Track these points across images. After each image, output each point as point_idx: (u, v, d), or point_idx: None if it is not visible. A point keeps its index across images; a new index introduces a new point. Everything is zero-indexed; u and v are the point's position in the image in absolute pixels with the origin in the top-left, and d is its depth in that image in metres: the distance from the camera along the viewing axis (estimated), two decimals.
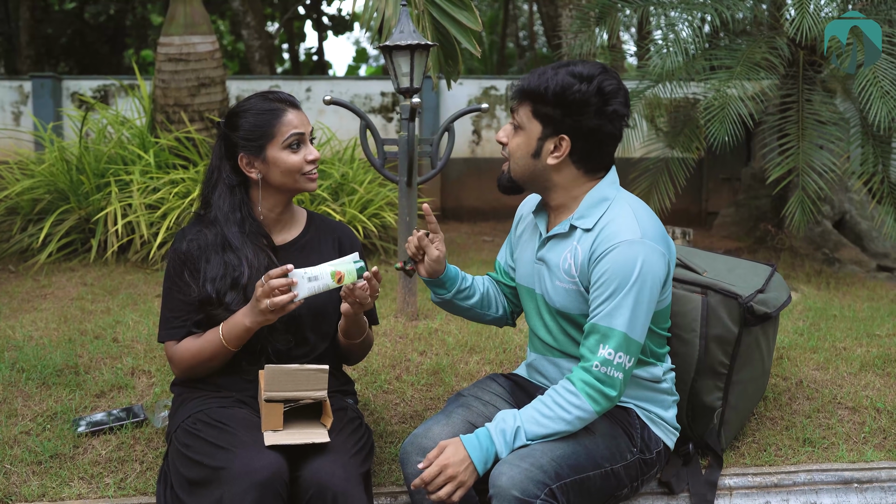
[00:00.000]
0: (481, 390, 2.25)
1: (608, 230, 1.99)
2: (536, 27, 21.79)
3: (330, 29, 18.05)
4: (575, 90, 1.95)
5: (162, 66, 5.85)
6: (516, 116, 2.04)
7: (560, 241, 2.08)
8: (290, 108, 2.18)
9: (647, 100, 6.51)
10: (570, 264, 2.04)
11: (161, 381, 2.93)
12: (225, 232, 2.15)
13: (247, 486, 1.83)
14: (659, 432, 2.17)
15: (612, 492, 2.07)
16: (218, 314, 2.12)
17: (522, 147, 2.04)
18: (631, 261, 1.94)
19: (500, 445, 1.93)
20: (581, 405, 1.93)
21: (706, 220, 9.08)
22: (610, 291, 1.94)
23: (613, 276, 1.94)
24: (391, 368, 3.13)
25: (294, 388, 2.00)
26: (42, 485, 2.30)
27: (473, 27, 4.04)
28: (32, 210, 5.53)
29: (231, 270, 2.13)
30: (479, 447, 1.92)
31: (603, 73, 1.97)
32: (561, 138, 2.00)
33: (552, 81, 1.96)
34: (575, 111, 1.96)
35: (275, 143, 2.14)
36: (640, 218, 2.01)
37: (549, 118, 1.99)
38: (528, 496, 1.85)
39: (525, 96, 2.01)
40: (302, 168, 2.16)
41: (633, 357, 1.96)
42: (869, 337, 3.66)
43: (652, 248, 1.96)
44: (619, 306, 1.93)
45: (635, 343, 1.95)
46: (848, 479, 2.46)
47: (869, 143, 5.74)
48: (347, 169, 6.11)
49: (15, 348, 3.24)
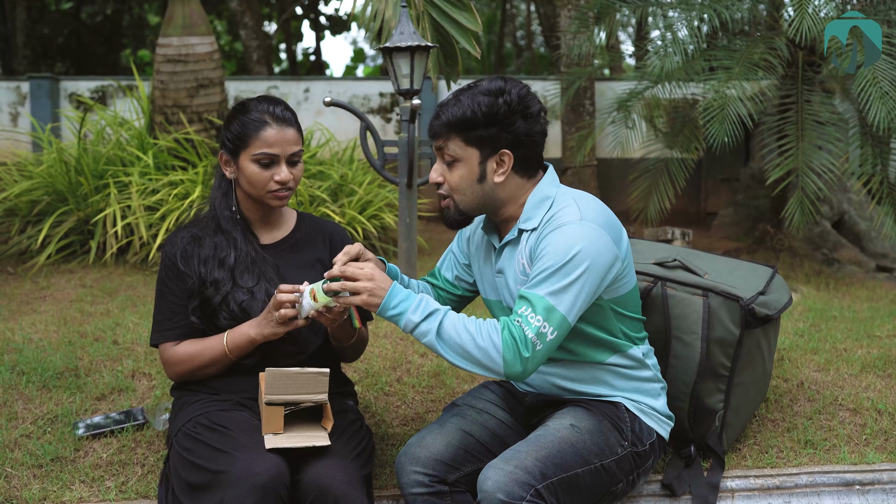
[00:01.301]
0: (475, 398, 2.28)
1: (552, 222, 2.00)
2: (534, 27, 21.80)
3: (327, 29, 18.05)
4: (500, 104, 1.98)
5: (160, 67, 5.84)
6: (447, 152, 2.04)
7: (512, 247, 2.10)
8: (276, 126, 2.15)
9: (646, 101, 6.51)
10: (524, 264, 2.06)
11: (162, 383, 2.93)
12: (218, 215, 2.23)
13: (248, 489, 1.83)
14: (651, 422, 2.17)
15: (606, 488, 2.07)
16: (209, 294, 2.15)
17: (466, 177, 2.04)
18: (569, 240, 1.93)
19: (411, 306, 1.93)
20: (496, 344, 1.89)
21: (705, 221, 9.08)
22: (544, 267, 1.93)
23: (549, 254, 1.93)
24: (392, 370, 3.13)
25: (295, 392, 2.00)
26: (43, 488, 2.29)
27: (473, 28, 4.03)
28: (31, 211, 5.51)
29: (219, 251, 2.19)
30: (398, 294, 1.93)
31: (510, 83, 2.02)
32: (502, 154, 2.03)
33: (474, 105, 1.98)
34: (506, 124, 2.00)
35: (246, 153, 2.15)
36: (582, 205, 2.02)
37: (485, 139, 2.01)
38: (514, 498, 1.86)
39: (451, 128, 2.02)
40: (266, 185, 2.16)
41: (555, 329, 1.90)
42: (869, 338, 3.66)
43: (591, 229, 1.96)
44: (547, 278, 1.92)
45: (559, 314, 1.90)
46: (850, 480, 2.46)
47: (868, 144, 5.75)
48: (346, 170, 6.10)
49: (15, 350, 3.23)
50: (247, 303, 2.15)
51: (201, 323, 2.17)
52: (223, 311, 2.15)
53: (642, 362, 2.17)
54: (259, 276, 2.19)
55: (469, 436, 2.14)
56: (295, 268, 2.25)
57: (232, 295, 2.15)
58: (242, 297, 2.16)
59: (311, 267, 2.27)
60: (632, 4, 6.23)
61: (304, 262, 2.27)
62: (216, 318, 2.16)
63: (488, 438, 2.17)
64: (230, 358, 2.13)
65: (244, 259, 2.19)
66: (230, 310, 2.15)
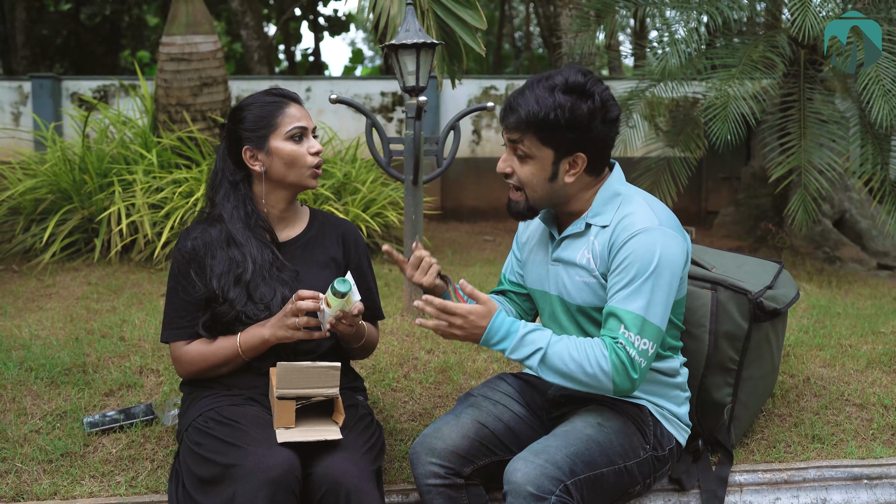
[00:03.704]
0: (491, 390, 2.25)
1: (625, 222, 2.00)
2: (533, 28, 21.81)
3: (326, 30, 18.07)
4: (584, 109, 1.93)
5: (164, 65, 5.84)
6: (521, 148, 1.99)
7: (574, 240, 2.09)
8: (293, 103, 2.20)
9: (647, 100, 6.52)
10: (588, 259, 2.05)
11: (170, 379, 2.93)
12: (229, 228, 2.17)
13: (259, 482, 1.83)
14: (671, 429, 2.17)
15: (625, 489, 2.07)
16: (223, 311, 2.12)
17: (538, 175, 2.02)
18: (650, 247, 1.94)
19: (515, 350, 1.93)
20: (605, 368, 1.91)
21: (706, 220, 9.10)
22: (629, 277, 1.94)
23: (633, 263, 1.94)
24: (399, 367, 3.13)
25: (306, 386, 2.00)
26: (53, 483, 2.30)
27: (478, 25, 4.05)
28: (35, 210, 5.52)
29: (235, 267, 2.14)
30: (498, 332, 1.93)
31: (592, 82, 1.97)
32: (576, 156, 2.00)
33: (556, 108, 1.92)
34: (585, 129, 1.96)
35: (277, 134, 2.15)
36: (655, 208, 2.04)
37: (562, 142, 1.97)
38: (543, 492, 1.85)
39: (529, 126, 1.96)
40: (305, 159, 2.17)
41: (653, 342, 1.94)
42: (874, 334, 3.67)
43: (670, 236, 1.98)
44: (637, 291, 1.93)
45: (653, 326, 1.93)
46: (857, 475, 2.47)
47: (869, 143, 5.76)
48: (350, 168, 6.11)
49: (22, 347, 3.23)
50: (262, 318, 2.13)
51: (210, 335, 2.15)
52: (237, 325, 2.13)
53: (677, 371, 2.18)
54: (275, 287, 2.15)
55: (484, 427, 2.12)
56: (309, 266, 2.23)
57: (245, 311, 2.13)
58: (258, 313, 2.13)
59: (326, 267, 2.26)
60: (631, 4, 6.25)
61: (319, 262, 2.26)
62: (230, 329, 2.14)
63: (503, 431, 2.15)
64: (243, 359, 2.12)
65: (260, 272, 2.15)
66: (244, 323, 2.13)
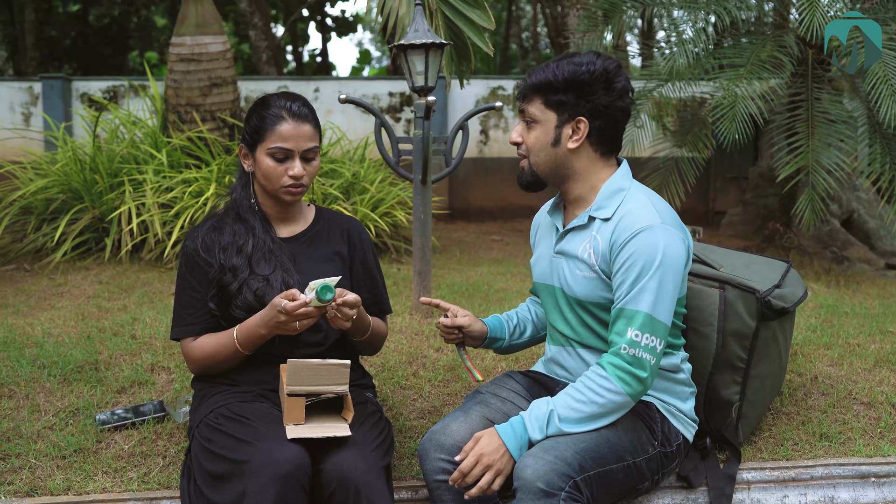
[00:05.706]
0: (499, 387, 2.27)
1: (628, 219, 2.03)
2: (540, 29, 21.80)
3: (333, 30, 18.10)
4: (583, 72, 2.04)
5: (174, 65, 5.88)
6: (528, 112, 2.11)
7: (578, 233, 2.13)
8: (292, 121, 2.18)
9: (655, 100, 6.53)
10: (590, 253, 2.09)
11: (181, 376, 2.95)
12: (238, 204, 2.27)
13: (269, 478, 1.85)
14: (678, 425, 2.19)
15: (634, 485, 2.08)
16: (227, 280, 2.18)
17: (541, 139, 2.10)
18: (653, 245, 1.98)
19: (533, 430, 1.96)
20: (613, 388, 1.95)
21: (713, 220, 9.09)
22: (634, 276, 1.98)
23: (637, 261, 1.98)
24: (408, 364, 3.15)
25: (316, 383, 2.02)
26: (67, 479, 2.32)
27: (486, 26, 4.06)
28: (46, 209, 5.56)
29: (237, 238, 2.23)
30: (513, 434, 1.95)
31: (601, 57, 2.07)
32: (578, 121, 2.07)
33: (558, 71, 2.05)
34: (587, 92, 2.05)
35: (262, 147, 2.19)
36: (657, 205, 2.07)
37: (564, 104, 2.06)
38: (553, 488, 1.86)
39: (535, 91, 2.09)
40: (280, 179, 2.19)
41: (660, 339, 1.98)
42: (882, 333, 3.67)
43: (671, 233, 2.01)
44: (643, 289, 1.97)
45: (661, 324, 1.97)
46: (865, 473, 2.47)
47: (877, 142, 5.75)
48: (359, 168, 6.13)
49: (35, 345, 3.27)
50: (262, 290, 2.16)
51: (218, 310, 2.20)
52: (239, 298, 2.17)
53: (678, 367, 2.20)
54: (276, 264, 2.21)
55: (492, 424, 2.13)
56: (313, 261, 2.27)
57: (248, 282, 2.17)
58: (258, 285, 2.17)
59: (329, 261, 2.29)
60: (639, 4, 6.25)
61: (322, 255, 2.29)
62: (232, 307, 2.18)
63: None
64: (244, 353, 2.16)
65: (261, 247, 2.22)
66: (245, 297, 2.16)
